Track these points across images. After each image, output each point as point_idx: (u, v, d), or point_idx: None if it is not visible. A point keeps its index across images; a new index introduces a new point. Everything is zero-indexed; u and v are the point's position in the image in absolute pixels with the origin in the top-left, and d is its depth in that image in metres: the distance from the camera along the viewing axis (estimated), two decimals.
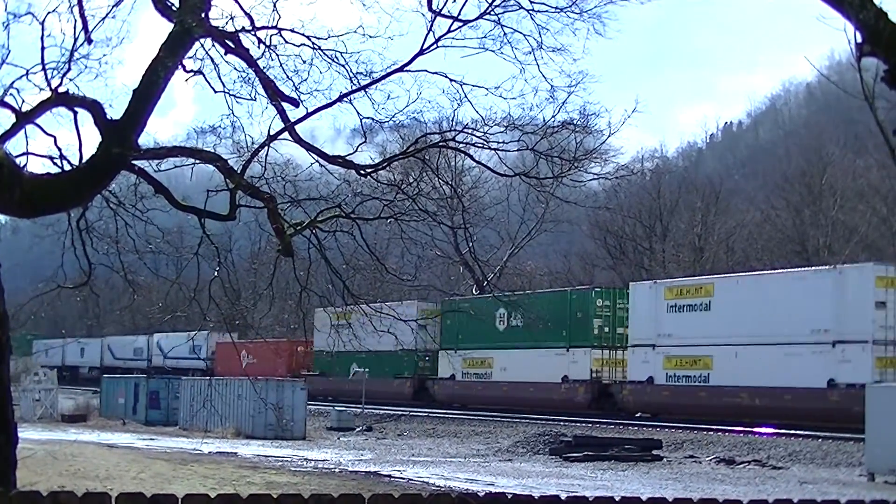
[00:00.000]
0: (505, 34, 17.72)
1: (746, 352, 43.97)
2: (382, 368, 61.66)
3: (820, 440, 39.30)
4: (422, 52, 17.60)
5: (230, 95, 17.82)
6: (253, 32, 17.11)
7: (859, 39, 8.63)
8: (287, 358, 74.10)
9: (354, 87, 17.93)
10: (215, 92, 17.52)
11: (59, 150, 16.59)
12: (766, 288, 45.56)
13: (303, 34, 17.49)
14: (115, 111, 15.34)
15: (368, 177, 19.13)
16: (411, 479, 31.11)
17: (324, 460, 38.15)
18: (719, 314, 45.08)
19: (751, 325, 43.46)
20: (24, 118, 15.98)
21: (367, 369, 61.15)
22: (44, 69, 16.18)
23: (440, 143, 20.25)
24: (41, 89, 16.23)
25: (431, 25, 17.45)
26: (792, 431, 41.57)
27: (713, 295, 45.54)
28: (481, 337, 56.66)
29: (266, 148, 17.88)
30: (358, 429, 56.74)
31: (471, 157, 21.66)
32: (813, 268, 50.12)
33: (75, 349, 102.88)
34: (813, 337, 42.19)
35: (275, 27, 17.26)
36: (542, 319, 41.86)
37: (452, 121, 19.94)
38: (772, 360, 43.00)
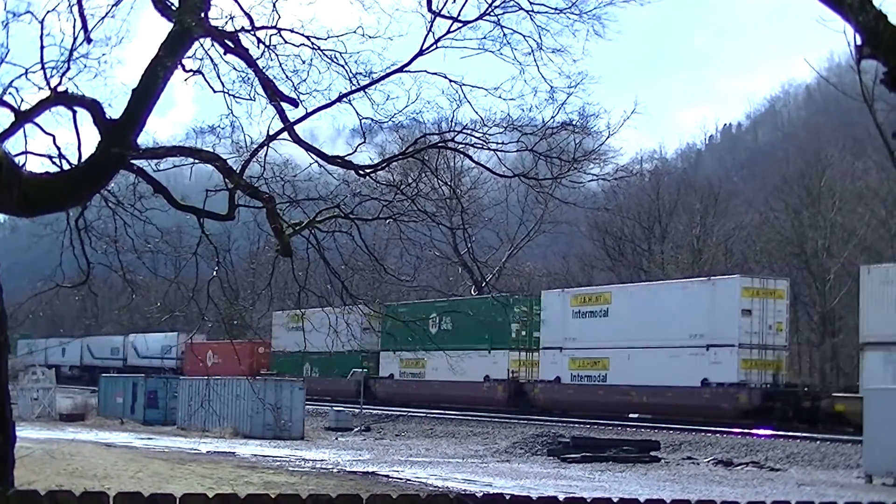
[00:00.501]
0: (504, 35, 17.74)
1: (637, 354, 48.80)
2: (332, 368, 65.26)
3: (818, 442, 39.32)
4: (421, 52, 17.60)
5: (229, 95, 17.82)
6: (252, 32, 17.11)
7: (859, 42, 8.63)
8: (248, 358, 76.72)
9: (354, 88, 17.93)
10: (214, 92, 17.52)
11: (58, 149, 16.57)
12: (654, 296, 50.80)
13: (302, 34, 17.49)
14: (115, 111, 15.35)
15: (367, 177, 19.13)
16: (409, 480, 31.12)
17: (322, 460, 38.15)
18: (615, 320, 49.53)
19: (641, 330, 47.38)
20: (23, 117, 15.97)
21: (316, 370, 66.30)
22: (43, 68, 16.17)
23: (439, 144, 20.26)
24: (40, 88, 16.22)
25: (431, 26, 17.46)
26: (790, 433, 41.60)
27: (611, 303, 48.55)
28: (416, 340, 56.94)
29: (265, 148, 17.88)
30: (356, 429, 56.76)
31: (470, 157, 21.66)
32: (692, 279, 55.40)
33: (57, 349, 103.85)
34: (691, 341, 47.58)
35: (274, 27, 17.26)
36: (467, 324, 44.70)
37: (452, 121, 19.94)
38: (657, 361, 47.87)
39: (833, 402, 43.61)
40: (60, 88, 16.01)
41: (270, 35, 17.26)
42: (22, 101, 16.18)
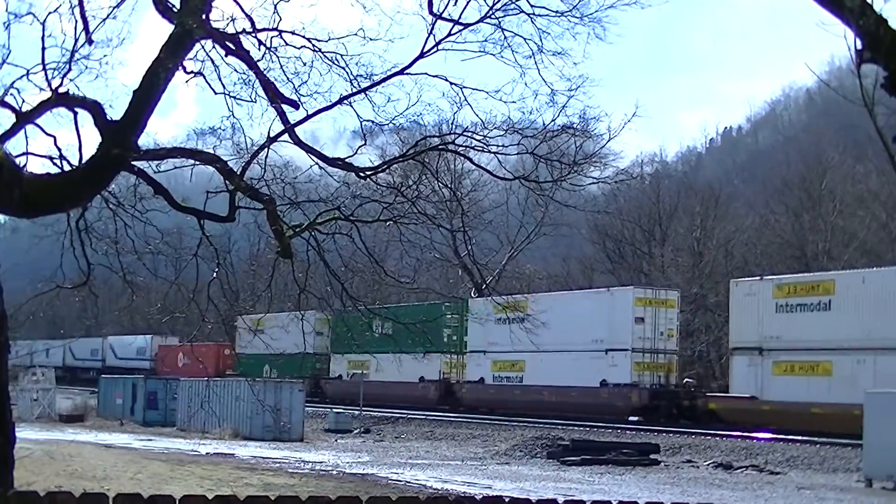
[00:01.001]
0: (505, 38, 17.73)
1: (549, 357, 52.45)
2: (287, 369, 67.52)
3: (818, 446, 39.32)
4: (422, 55, 17.61)
5: (230, 97, 17.83)
6: (253, 34, 17.12)
7: (859, 46, 8.63)
8: (214, 360, 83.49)
9: (355, 90, 17.94)
10: (215, 93, 17.53)
11: (59, 150, 16.58)
12: (566, 304, 55.30)
13: (303, 36, 17.50)
14: (116, 112, 15.35)
15: (368, 179, 19.13)
16: (409, 482, 31.11)
17: (321, 462, 38.15)
18: (532, 326, 51.46)
19: (553, 335, 47.95)
20: (25, 118, 15.98)
21: (274, 371, 69.26)
22: (44, 69, 16.19)
23: (440, 147, 20.27)
24: (41, 89, 16.23)
25: (432, 28, 17.46)
26: (790, 437, 41.59)
27: (527, 309, 50.94)
28: (363, 342, 60.14)
29: (266, 150, 17.89)
30: (356, 431, 56.78)
31: (470, 160, 21.66)
32: (595, 289, 61.76)
33: (41, 351, 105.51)
34: (592, 346, 52.45)
35: (275, 29, 17.27)
36: (404, 329, 46.20)
37: (452, 124, 19.94)
38: (565, 364, 52.66)
39: (707, 402, 49.96)
40: (62, 90, 16.02)
41: (271, 37, 17.28)
42: (23, 102, 16.20)
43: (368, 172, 18.85)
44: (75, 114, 16.21)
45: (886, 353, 40.62)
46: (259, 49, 17.26)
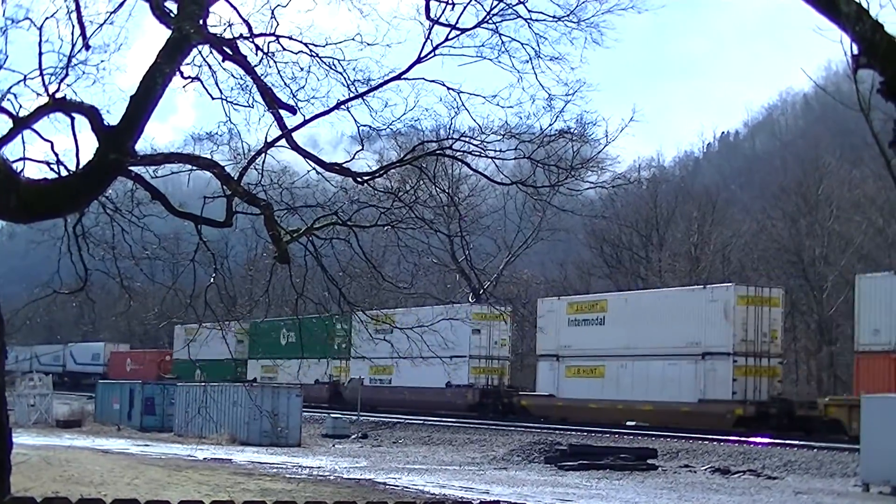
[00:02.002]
0: (503, 43, 17.76)
1: (410, 363, 54.34)
2: (215, 373, 74.52)
3: (815, 450, 39.31)
4: (419, 60, 17.62)
5: (228, 102, 17.84)
6: (251, 39, 17.13)
7: (855, 51, 8.65)
8: (156, 364, 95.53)
9: (352, 95, 17.95)
10: (213, 99, 17.54)
11: (56, 155, 16.58)
12: (423, 316, 59.76)
13: (301, 41, 17.51)
14: (113, 117, 15.36)
15: (365, 184, 19.13)
16: (406, 487, 31.08)
17: (319, 467, 38.12)
18: (399, 336, 58.01)
19: (413, 344, 52.45)
20: (21, 123, 15.98)
21: (204, 374, 74.51)
22: (41, 74, 16.19)
23: (437, 151, 20.27)
24: (38, 95, 16.24)
25: (429, 34, 17.48)
26: (787, 441, 41.60)
27: (396, 321, 56.13)
28: (272, 349, 77.06)
29: (263, 155, 17.89)
30: (353, 436, 56.73)
31: (468, 165, 21.66)
32: (447, 305, 65.86)
33: (11, 356, 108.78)
34: (441, 352, 54.21)
35: (273, 34, 17.28)
36: (303, 336, 52.16)
37: (450, 129, 19.95)
38: (421, 369, 53.35)
39: (520, 399, 60.19)
40: (59, 95, 16.02)
41: (269, 42, 17.30)
42: (20, 107, 16.21)
43: (366, 177, 18.86)
44: (72, 119, 16.21)
45: (638, 359, 50.45)
46: (256, 54, 17.28)
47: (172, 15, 15.70)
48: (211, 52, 16.93)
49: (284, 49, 17.45)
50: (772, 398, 47.20)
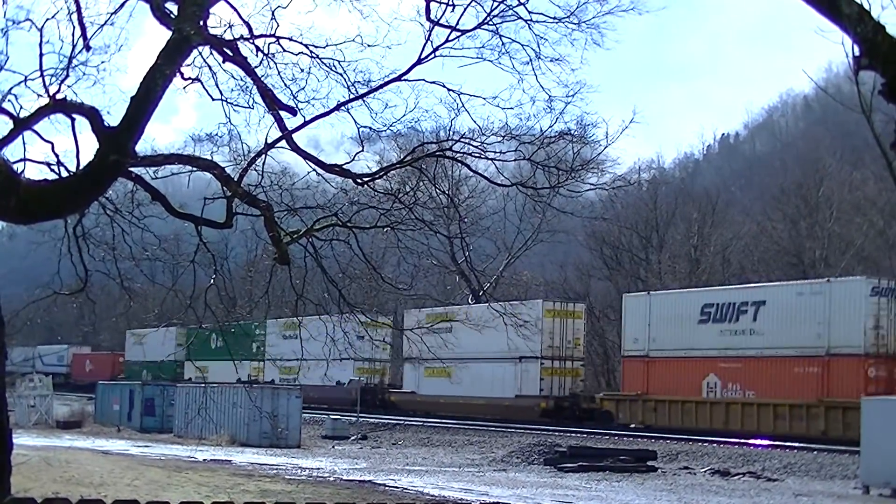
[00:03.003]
0: (503, 44, 17.76)
1: (313, 364, 57.76)
2: (158, 373, 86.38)
3: (815, 452, 39.28)
4: (420, 61, 17.62)
5: (228, 103, 17.84)
6: (251, 41, 17.13)
7: (857, 53, 8.64)
8: (111, 366, 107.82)
9: (352, 96, 17.95)
10: (213, 100, 17.55)
11: (57, 156, 16.58)
12: (313, 326, 68.33)
13: (301, 43, 17.52)
14: (113, 118, 15.35)
15: (365, 186, 19.13)
16: (406, 489, 31.06)
17: (318, 468, 38.10)
18: (305, 341, 66.02)
19: (315, 347, 56.95)
20: (22, 124, 15.97)
21: (149, 375, 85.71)
22: (42, 76, 16.18)
23: (437, 153, 20.27)
24: (39, 96, 16.23)
25: (429, 35, 17.48)
26: (787, 444, 41.59)
27: (301, 329, 61.81)
28: (205, 353, 79.86)
29: (263, 156, 17.89)
30: (353, 437, 56.73)
31: (468, 166, 21.68)
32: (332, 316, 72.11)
33: None
34: (330, 356, 58.97)
35: (273, 35, 17.28)
36: (229, 341, 57.21)
37: (450, 130, 19.96)
38: (321, 369, 56.93)
39: (391, 396, 68.51)
40: (59, 96, 16.01)
41: (269, 43, 17.30)
42: (21, 108, 16.21)
43: (366, 179, 18.86)
44: (73, 120, 16.21)
45: (475, 362, 57.46)
46: (257, 55, 17.28)
47: (173, 16, 15.69)
48: (211, 53, 16.94)
49: (285, 50, 17.46)
50: (569, 394, 56.93)
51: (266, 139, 17.83)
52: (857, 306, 43.46)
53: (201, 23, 15.75)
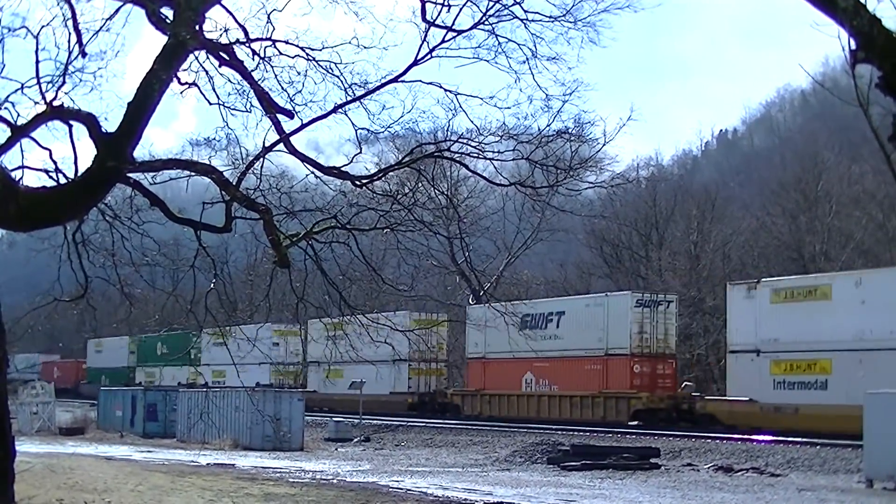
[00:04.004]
0: (499, 44, 17.76)
1: (244, 368, 64.12)
2: (114, 378, 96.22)
3: (818, 447, 39.27)
4: (416, 62, 17.62)
5: (225, 107, 17.83)
6: (247, 44, 17.13)
7: (853, 46, 8.64)
8: (75, 372, 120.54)
9: (349, 98, 17.95)
10: (210, 104, 17.54)
11: (55, 163, 16.58)
12: (247, 333, 73.93)
13: (297, 45, 17.51)
14: (111, 124, 15.35)
15: (364, 187, 19.13)
16: (409, 490, 31.06)
17: (322, 471, 38.09)
18: (235, 347, 71.21)
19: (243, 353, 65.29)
20: (20, 132, 15.97)
21: (108, 380, 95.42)
22: (38, 83, 16.17)
23: (435, 154, 20.27)
24: (36, 103, 16.22)
25: (426, 36, 17.48)
26: (790, 439, 41.58)
27: (232, 335, 64.24)
28: (152, 358, 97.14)
29: (261, 160, 17.90)
30: (356, 439, 56.70)
31: (466, 166, 21.68)
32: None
33: None
34: (256, 360, 65.29)
35: (269, 39, 17.27)
36: (172, 347, 61.55)
37: (447, 131, 19.97)
38: (246, 373, 63.76)
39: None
40: (56, 102, 16.01)
41: (265, 47, 17.29)
42: (18, 115, 16.20)
43: (364, 181, 18.87)
44: (70, 126, 16.20)
45: (366, 364, 56.00)
46: (253, 59, 17.28)
47: (168, 21, 15.69)
48: (208, 57, 16.93)
49: (281, 53, 17.45)
50: (430, 391, 66.18)
51: (264, 143, 17.84)
52: (626, 315, 53.44)
53: (197, 27, 15.75)
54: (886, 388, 33.79)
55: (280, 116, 17.42)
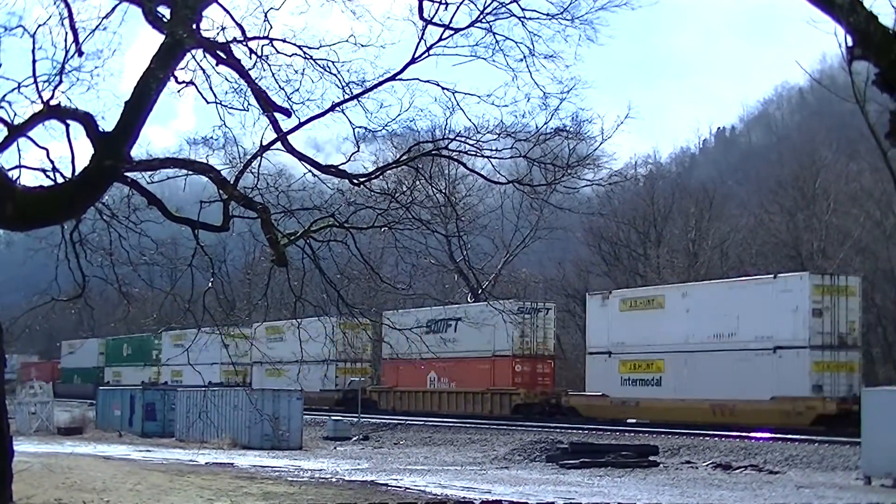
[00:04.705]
0: (497, 41, 17.76)
1: (202, 368, 68.06)
2: (86, 377, 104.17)
3: (816, 444, 39.29)
4: (413, 60, 17.61)
5: (223, 106, 17.82)
6: (244, 43, 17.11)
7: (850, 43, 8.64)
8: (51, 372, 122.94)
9: (347, 97, 17.93)
10: (207, 103, 17.53)
11: (52, 162, 16.58)
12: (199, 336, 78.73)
13: (294, 44, 17.50)
14: (108, 123, 15.34)
15: (362, 186, 19.12)
16: (408, 488, 31.03)
17: (320, 470, 38.08)
18: (192, 348, 77.14)
19: (195, 354, 70.42)
20: (17, 131, 15.97)
21: (79, 379, 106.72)
22: (35, 82, 16.16)
23: (433, 152, 20.26)
24: (33, 102, 16.23)
25: (423, 34, 17.48)
26: (788, 436, 41.60)
27: (186, 340, 63.14)
28: (119, 360, 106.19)
29: (259, 158, 17.88)
30: (354, 438, 56.69)
31: (464, 164, 21.67)
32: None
33: None
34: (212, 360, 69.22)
35: (266, 37, 17.26)
36: (136, 350, 67.30)
37: (445, 129, 19.95)
38: (205, 372, 60.87)
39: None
40: (53, 102, 16.00)
41: (262, 45, 17.29)
42: (15, 115, 16.20)
43: (362, 179, 18.85)
44: (67, 126, 16.19)
45: (298, 364, 55.91)
46: (250, 58, 17.27)
47: (165, 20, 15.68)
48: (205, 56, 16.93)
49: (278, 52, 17.45)
50: (351, 389, 69.47)
51: (261, 141, 17.84)
52: (509, 321, 54.23)
53: (194, 26, 15.74)
54: (708, 385, 40.38)
55: (278, 115, 17.42)
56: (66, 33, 16.30)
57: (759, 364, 45.49)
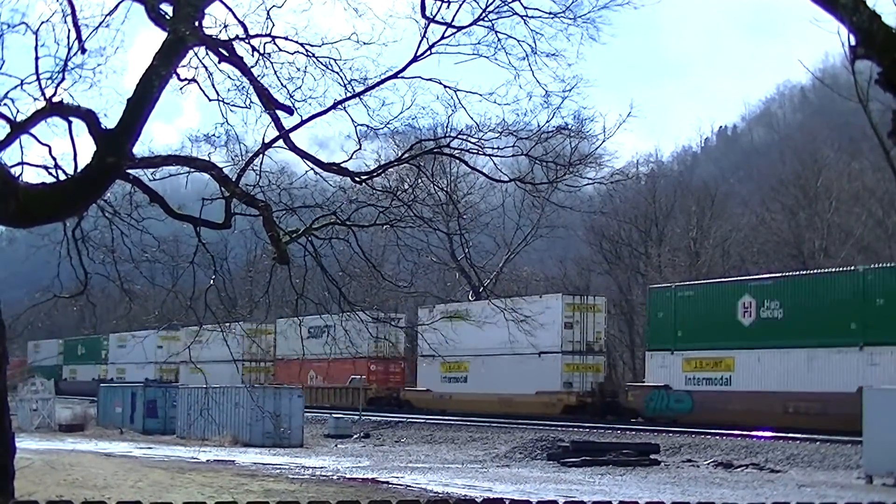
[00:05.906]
0: (499, 40, 17.73)
1: (139, 366, 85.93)
2: (48, 375, 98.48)
3: (818, 443, 39.30)
4: (416, 58, 17.60)
5: (225, 104, 17.82)
6: (247, 40, 17.11)
7: (853, 42, 8.64)
8: (20, 369, 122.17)
9: (349, 94, 17.92)
10: (210, 100, 17.51)
11: (54, 159, 16.56)
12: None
13: (297, 42, 17.49)
14: (110, 120, 15.33)
15: (364, 184, 19.12)
16: (409, 486, 31.06)
17: (321, 467, 38.11)
18: (132, 349, 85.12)
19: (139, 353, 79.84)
20: (19, 128, 15.96)
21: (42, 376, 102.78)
22: (38, 79, 16.15)
23: (435, 150, 20.26)
24: (35, 99, 16.21)
25: (425, 32, 17.46)
26: (790, 435, 41.60)
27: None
28: (74, 358, 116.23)
29: (261, 156, 17.88)
30: (355, 436, 56.73)
31: (465, 163, 21.67)
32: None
33: None
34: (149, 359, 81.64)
35: (268, 35, 17.26)
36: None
37: (447, 127, 19.95)
38: (144, 370, 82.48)
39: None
40: (55, 99, 15.98)
41: (265, 43, 17.28)
42: (17, 112, 16.18)
43: (364, 177, 18.85)
44: (70, 123, 16.18)
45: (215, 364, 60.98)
46: (252, 55, 17.26)
47: (168, 17, 15.67)
48: (207, 53, 16.91)
49: (280, 50, 17.43)
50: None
51: (263, 139, 17.83)
52: (366, 327, 59.35)
53: (196, 23, 15.73)
54: (497, 382, 51.32)
55: (280, 113, 17.41)
56: (69, 30, 16.31)
57: (529, 366, 57.84)
